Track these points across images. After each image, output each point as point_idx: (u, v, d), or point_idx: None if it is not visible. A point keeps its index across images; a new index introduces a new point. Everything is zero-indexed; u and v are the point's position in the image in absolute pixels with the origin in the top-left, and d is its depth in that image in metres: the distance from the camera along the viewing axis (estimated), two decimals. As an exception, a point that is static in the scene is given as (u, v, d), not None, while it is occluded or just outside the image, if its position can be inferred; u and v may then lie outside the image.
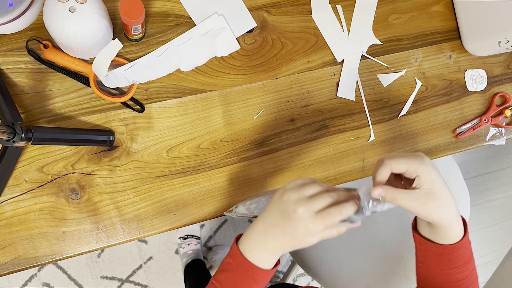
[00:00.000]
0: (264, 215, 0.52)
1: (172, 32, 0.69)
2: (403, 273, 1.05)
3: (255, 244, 0.52)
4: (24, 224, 0.63)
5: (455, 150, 0.82)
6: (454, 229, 0.52)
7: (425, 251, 0.56)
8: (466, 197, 1.09)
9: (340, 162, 0.76)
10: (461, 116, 0.82)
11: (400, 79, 0.79)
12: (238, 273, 0.52)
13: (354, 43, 0.76)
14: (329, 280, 1.02)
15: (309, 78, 0.75)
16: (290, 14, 0.74)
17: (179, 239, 1.47)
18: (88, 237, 0.65)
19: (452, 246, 0.53)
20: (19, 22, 0.59)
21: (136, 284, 1.47)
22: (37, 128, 0.58)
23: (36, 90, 0.64)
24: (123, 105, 0.67)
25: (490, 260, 1.87)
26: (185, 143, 0.69)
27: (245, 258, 0.51)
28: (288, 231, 0.48)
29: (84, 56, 0.64)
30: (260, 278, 0.52)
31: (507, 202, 1.89)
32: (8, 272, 0.63)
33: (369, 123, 0.77)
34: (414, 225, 0.59)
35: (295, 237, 0.49)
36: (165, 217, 0.68)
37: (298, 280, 1.60)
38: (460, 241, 0.53)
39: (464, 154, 1.82)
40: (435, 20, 0.81)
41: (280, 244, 0.50)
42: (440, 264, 0.55)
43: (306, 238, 0.48)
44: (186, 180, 0.69)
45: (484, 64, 0.83)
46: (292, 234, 0.48)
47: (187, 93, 0.69)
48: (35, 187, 0.64)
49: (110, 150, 0.66)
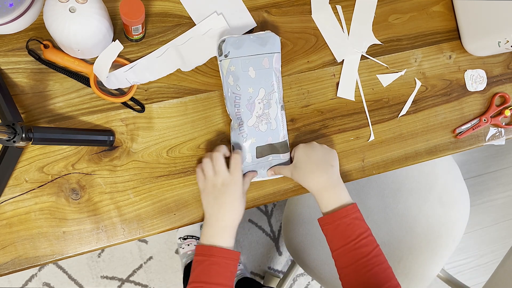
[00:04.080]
0: (205, 209, 0.65)
1: (172, 32, 0.69)
2: (403, 273, 1.05)
3: (208, 230, 0.63)
4: (25, 224, 0.63)
5: (455, 150, 0.82)
6: (325, 197, 0.64)
7: (322, 228, 0.65)
8: (466, 197, 1.09)
9: (340, 162, 0.76)
10: (460, 116, 0.82)
11: (400, 79, 0.79)
12: (203, 263, 0.61)
13: (354, 43, 0.77)
14: (329, 280, 1.02)
15: (309, 78, 0.75)
16: (290, 14, 0.74)
17: (179, 239, 1.47)
18: (89, 237, 0.65)
19: (331, 214, 0.63)
20: (20, 22, 0.59)
21: (136, 284, 1.47)
22: (38, 128, 0.58)
23: (37, 90, 0.64)
24: (124, 105, 0.67)
25: (490, 260, 1.87)
26: (185, 143, 0.69)
27: (204, 246, 0.62)
28: (229, 200, 0.63)
29: (84, 56, 0.64)
30: (223, 257, 0.61)
31: (506, 202, 1.89)
32: (8, 272, 0.63)
33: (369, 123, 0.77)
34: None
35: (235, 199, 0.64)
36: (165, 217, 0.68)
37: (298, 280, 1.60)
38: (340, 209, 0.63)
39: (464, 154, 1.82)
40: (435, 20, 0.81)
41: (228, 214, 0.63)
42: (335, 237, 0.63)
43: (240, 194, 0.64)
44: (186, 180, 0.69)
45: (483, 64, 0.84)
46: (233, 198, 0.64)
47: (187, 93, 0.69)
48: (35, 187, 0.64)
49: (111, 150, 0.66)
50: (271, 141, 0.70)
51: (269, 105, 0.68)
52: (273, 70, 0.68)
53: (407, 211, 1.04)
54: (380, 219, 1.04)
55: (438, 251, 1.06)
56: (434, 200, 1.05)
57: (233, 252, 0.62)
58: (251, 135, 0.68)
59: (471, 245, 1.85)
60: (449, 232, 1.06)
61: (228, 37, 0.66)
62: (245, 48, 0.66)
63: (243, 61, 0.66)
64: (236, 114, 0.68)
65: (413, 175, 1.05)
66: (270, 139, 0.70)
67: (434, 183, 1.05)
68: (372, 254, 0.61)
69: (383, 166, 0.78)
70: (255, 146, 0.69)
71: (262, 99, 0.68)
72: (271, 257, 1.56)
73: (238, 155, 0.67)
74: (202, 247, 0.63)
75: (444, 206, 1.05)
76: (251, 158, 0.69)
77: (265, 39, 0.67)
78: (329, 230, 0.64)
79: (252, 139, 0.68)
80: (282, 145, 0.71)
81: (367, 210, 1.04)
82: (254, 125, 0.68)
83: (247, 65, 0.66)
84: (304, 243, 1.01)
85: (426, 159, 0.80)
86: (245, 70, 0.66)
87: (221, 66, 0.67)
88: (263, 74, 0.67)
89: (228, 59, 0.66)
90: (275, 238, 1.55)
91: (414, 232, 1.04)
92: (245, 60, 0.66)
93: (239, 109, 0.67)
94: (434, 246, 1.05)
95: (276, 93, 0.69)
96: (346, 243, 0.61)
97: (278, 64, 0.69)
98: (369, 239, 0.62)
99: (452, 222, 1.06)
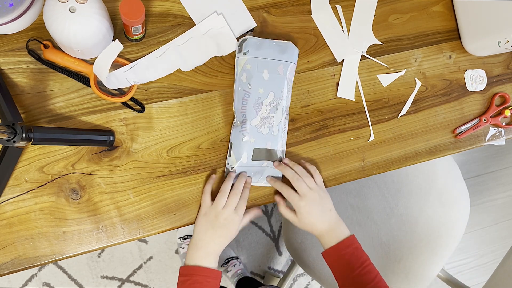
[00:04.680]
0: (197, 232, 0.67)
1: (172, 32, 0.69)
2: (403, 273, 1.05)
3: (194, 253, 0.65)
4: (25, 224, 0.63)
5: (455, 150, 0.82)
6: (327, 237, 0.69)
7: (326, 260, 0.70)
8: (466, 197, 1.09)
9: (340, 162, 0.76)
10: (460, 116, 0.82)
11: (400, 79, 0.79)
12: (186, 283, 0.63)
13: (354, 43, 0.77)
14: (329, 280, 1.02)
15: (309, 78, 0.75)
16: (290, 14, 0.74)
17: (179, 239, 1.47)
18: (89, 237, 0.65)
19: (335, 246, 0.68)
20: (20, 22, 0.59)
21: (136, 284, 1.47)
22: (38, 128, 0.58)
23: (37, 90, 0.64)
24: (123, 105, 0.67)
25: (490, 260, 1.87)
26: (185, 143, 0.69)
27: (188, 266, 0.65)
28: (224, 233, 0.66)
29: (85, 56, 0.64)
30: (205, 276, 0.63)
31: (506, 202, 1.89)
32: (8, 272, 0.63)
33: (369, 123, 0.77)
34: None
35: (229, 233, 0.67)
36: (165, 217, 0.68)
37: (298, 280, 1.60)
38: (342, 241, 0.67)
39: (464, 154, 1.82)
40: (435, 20, 0.81)
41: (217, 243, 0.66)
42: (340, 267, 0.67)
43: (235, 230, 0.67)
44: (186, 180, 0.69)
45: (483, 64, 0.84)
46: (227, 232, 0.66)
47: (187, 93, 0.69)
48: (35, 187, 0.64)
49: (110, 150, 0.66)
50: (269, 146, 0.70)
51: (275, 110, 0.69)
52: (286, 78, 0.69)
53: (407, 211, 1.04)
54: (380, 219, 1.04)
55: (438, 251, 1.06)
56: (434, 200, 1.05)
57: (215, 271, 0.65)
58: (252, 134, 0.69)
59: (471, 245, 1.85)
60: (449, 232, 1.06)
61: (251, 37, 0.68)
62: (264, 50, 0.68)
63: (260, 62, 0.68)
64: (242, 111, 0.68)
65: (413, 175, 1.05)
66: (269, 144, 0.70)
67: (434, 183, 1.05)
68: (376, 279, 0.65)
69: (383, 166, 0.78)
70: (253, 146, 0.69)
71: (270, 102, 0.69)
72: (271, 257, 1.56)
73: (247, 193, 0.69)
74: (186, 267, 0.65)
75: (444, 206, 1.05)
76: (246, 158, 0.69)
77: (284, 47, 0.69)
78: (334, 262, 0.68)
79: (252, 138, 0.69)
80: (278, 155, 0.71)
81: (367, 210, 1.04)
82: (257, 125, 0.69)
83: (263, 67, 0.68)
84: (304, 243, 1.01)
85: (426, 159, 0.80)
86: (260, 71, 0.68)
87: (237, 63, 0.69)
88: (276, 79, 0.69)
89: (246, 57, 0.68)
90: (275, 238, 1.55)
91: (414, 232, 1.04)
92: (262, 62, 0.68)
93: (245, 106, 0.68)
94: (434, 246, 1.05)
95: (284, 100, 0.70)
96: (352, 272, 0.65)
97: (291, 74, 0.71)
98: (371, 265, 0.67)
99: (452, 222, 1.06)
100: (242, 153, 0.69)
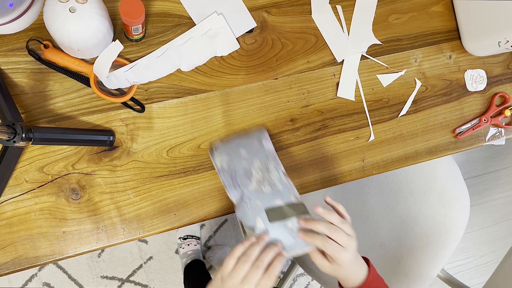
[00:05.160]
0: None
1: (172, 32, 0.69)
2: (403, 273, 1.05)
3: None
4: (25, 224, 0.63)
5: (455, 150, 0.82)
6: (352, 279, 0.64)
7: None
8: (466, 197, 1.09)
9: (340, 162, 0.76)
10: (460, 116, 0.82)
11: (400, 79, 0.79)
12: None
13: (354, 43, 0.77)
14: (329, 280, 1.02)
15: (309, 78, 0.75)
16: (290, 14, 0.74)
17: (179, 240, 1.47)
18: (89, 237, 0.65)
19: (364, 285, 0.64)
20: (20, 22, 0.59)
21: (136, 284, 1.47)
22: (38, 128, 0.58)
23: (37, 90, 0.64)
24: (124, 105, 0.67)
25: (490, 260, 1.87)
26: (185, 143, 0.69)
27: None
28: None
29: (85, 56, 0.64)
30: None
31: (506, 202, 1.89)
32: (8, 272, 0.63)
33: (369, 123, 0.77)
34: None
35: None
36: (165, 217, 0.68)
37: (298, 280, 1.60)
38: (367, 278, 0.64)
39: (464, 154, 1.82)
40: (435, 20, 0.81)
41: None
42: None
43: None
44: (186, 180, 0.69)
45: (483, 64, 0.84)
46: None
47: (187, 93, 0.69)
48: (35, 187, 0.64)
49: (111, 150, 0.66)
50: (281, 203, 0.62)
51: (267, 170, 0.65)
52: (264, 148, 0.67)
53: (407, 211, 1.04)
54: (380, 219, 1.04)
55: (438, 251, 1.06)
56: (434, 200, 1.05)
57: None
58: (255, 198, 0.62)
59: (471, 245, 1.85)
60: (449, 232, 1.06)
61: (216, 142, 0.69)
62: (233, 141, 0.68)
63: (233, 147, 0.67)
64: (235, 189, 0.64)
65: (413, 175, 1.05)
66: (280, 201, 0.62)
67: (434, 183, 1.05)
68: None
69: (383, 166, 0.78)
70: (263, 208, 0.61)
71: (259, 167, 0.65)
72: (271, 257, 1.56)
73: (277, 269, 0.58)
74: None
75: (444, 206, 1.05)
76: (262, 222, 0.60)
77: (251, 132, 0.70)
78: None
79: (257, 201, 0.62)
80: (297, 207, 0.62)
81: (367, 210, 1.04)
82: (256, 189, 0.63)
83: (238, 148, 0.67)
84: (304, 243, 1.01)
85: (426, 159, 0.80)
86: (236, 152, 0.67)
87: (214, 163, 0.67)
88: (254, 151, 0.67)
89: (218, 152, 0.67)
90: (275, 238, 1.55)
91: (414, 232, 1.04)
92: (235, 146, 0.67)
93: (236, 182, 0.64)
94: (434, 246, 1.05)
95: (273, 162, 0.66)
96: None
97: (268, 144, 0.68)
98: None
99: (452, 222, 1.06)
100: (255, 220, 0.61)
